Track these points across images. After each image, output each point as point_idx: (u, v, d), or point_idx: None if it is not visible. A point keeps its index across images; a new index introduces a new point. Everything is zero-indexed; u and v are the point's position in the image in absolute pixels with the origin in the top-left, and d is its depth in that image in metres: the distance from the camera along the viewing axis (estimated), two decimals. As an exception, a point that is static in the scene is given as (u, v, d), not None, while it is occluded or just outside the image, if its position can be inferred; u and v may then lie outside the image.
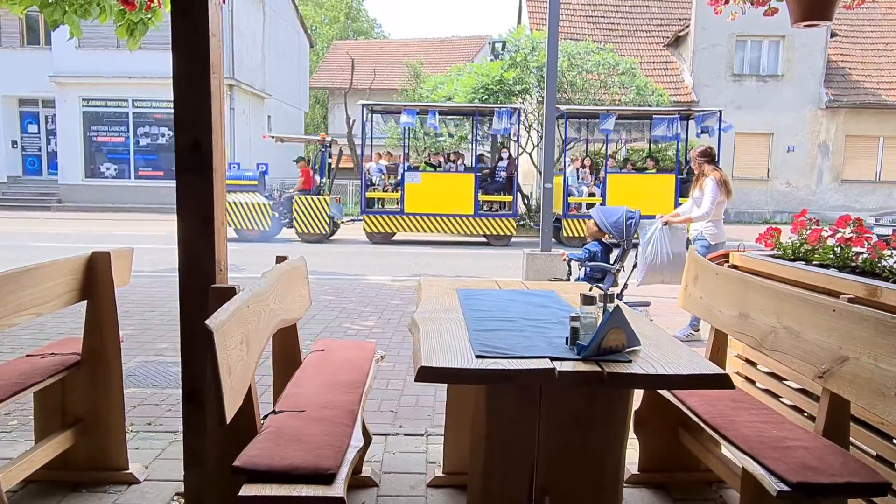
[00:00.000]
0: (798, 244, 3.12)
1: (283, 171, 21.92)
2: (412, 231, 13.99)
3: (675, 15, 23.49)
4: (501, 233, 13.85)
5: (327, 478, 1.80)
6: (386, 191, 14.46)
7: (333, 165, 14.94)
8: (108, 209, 20.08)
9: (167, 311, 6.43)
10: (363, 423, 2.57)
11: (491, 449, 1.99)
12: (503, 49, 18.54)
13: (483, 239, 14.28)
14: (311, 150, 16.08)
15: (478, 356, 1.86)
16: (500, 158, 15.07)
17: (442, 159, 15.17)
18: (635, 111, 15.57)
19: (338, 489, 1.76)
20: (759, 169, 21.53)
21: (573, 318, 1.97)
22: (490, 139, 17.67)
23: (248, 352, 2.00)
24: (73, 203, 20.51)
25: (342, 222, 14.98)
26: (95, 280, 2.77)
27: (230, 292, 2.11)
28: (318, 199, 13.81)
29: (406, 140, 15.18)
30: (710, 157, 5.61)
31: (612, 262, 5.77)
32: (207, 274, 2.48)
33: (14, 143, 21.96)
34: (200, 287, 2.48)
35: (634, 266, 5.80)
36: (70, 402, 2.80)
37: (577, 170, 14.82)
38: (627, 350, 1.93)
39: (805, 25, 3.04)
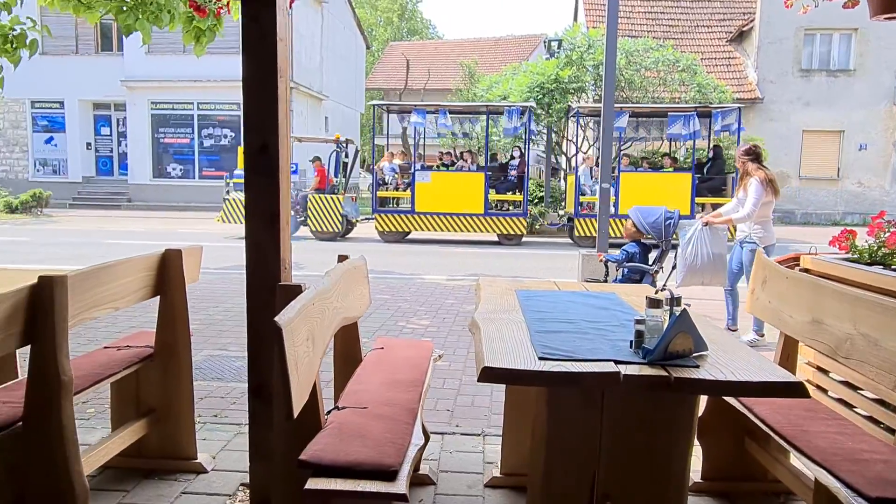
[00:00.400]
0: (875, 247, 2.98)
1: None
2: (423, 230, 14.02)
3: (738, 9, 22.72)
4: (512, 232, 13.73)
5: (390, 474, 1.83)
6: (397, 190, 14.49)
7: (350, 165, 15.02)
8: (173, 208, 20.91)
9: (230, 307, 6.64)
10: (422, 421, 2.60)
11: (552, 452, 1.98)
12: (559, 47, 18.35)
13: (494, 238, 14.16)
14: (367, 150, 16.28)
15: (540, 358, 1.85)
16: (512, 157, 14.93)
17: (454, 158, 15.03)
18: (652, 108, 15.03)
19: (400, 486, 1.79)
20: (828, 168, 20.59)
21: (638, 321, 1.94)
22: (545, 137, 17.55)
23: (314, 348, 2.05)
24: (142, 202, 21.42)
25: (357, 221, 15.07)
26: (168, 277, 2.89)
27: (297, 290, 2.16)
28: (332, 197, 13.93)
29: (416, 140, 15.20)
30: (754, 155, 5.44)
31: (650, 263, 5.66)
32: (273, 271, 2.56)
33: (88, 144, 23.09)
34: (266, 284, 2.55)
35: (673, 267, 5.68)
36: (144, 392, 2.93)
37: (591, 168, 14.47)
38: (695, 355, 1.89)
39: (885, 18, 2.90)
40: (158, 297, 2.91)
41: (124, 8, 6.15)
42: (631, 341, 1.97)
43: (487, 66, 30.28)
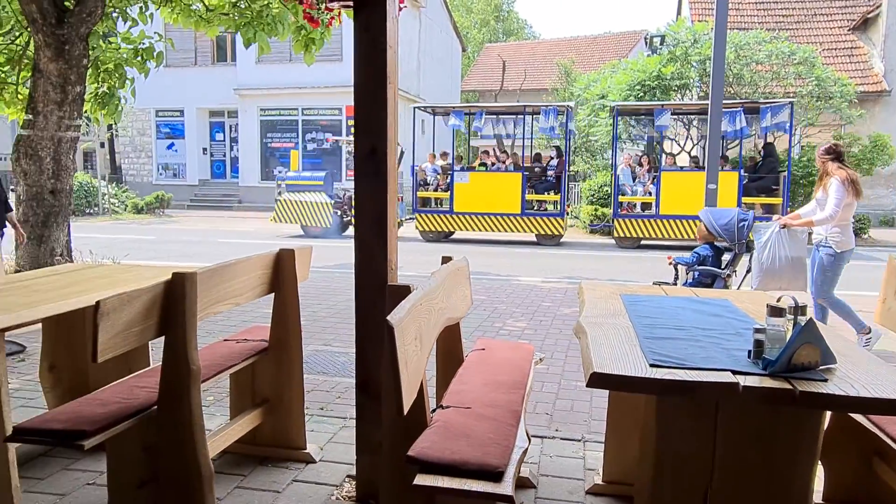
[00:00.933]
0: None
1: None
2: (461, 230, 14.21)
3: (862, -6, 21.00)
4: (550, 232, 13.61)
5: (496, 475, 1.84)
6: (437, 190, 14.70)
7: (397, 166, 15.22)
8: (279, 209, 22.00)
9: (332, 304, 6.90)
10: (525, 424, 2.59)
11: (661, 463, 1.91)
12: (661, 43, 17.70)
13: (532, 238, 14.06)
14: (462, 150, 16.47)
15: (651, 365, 1.80)
16: (551, 157, 14.78)
17: (495, 158, 15.04)
18: (698, 106, 14.27)
19: (507, 487, 1.79)
20: (967, 167, 18.59)
21: (758, 330, 1.84)
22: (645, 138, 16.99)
23: (422, 347, 2.10)
24: (251, 203, 22.70)
25: (403, 221, 15.34)
26: (282, 275, 3.05)
27: (406, 290, 2.22)
28: None
29: (454, 141, 15.37)
30: (835, 154, 5.16)
31: (722, 266, 5.44)
32: (380, 271, 2.64)
33: (204, 149, 24.77)
34: (374, 284, 2.64)
35: (748, 271, 5.38)
36: (259, 384, 3.11)
37: (633, 168, 14.14)
38: (821, 368, 1.77)
39: None
40: (273, 294, 3.08)
41: (244, 23, 6.56)
42: (749, 351, 1.87)
43: (585, 64, 29.71)
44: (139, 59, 7.51)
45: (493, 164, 14.87)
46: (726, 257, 5.51)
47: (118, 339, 2.09)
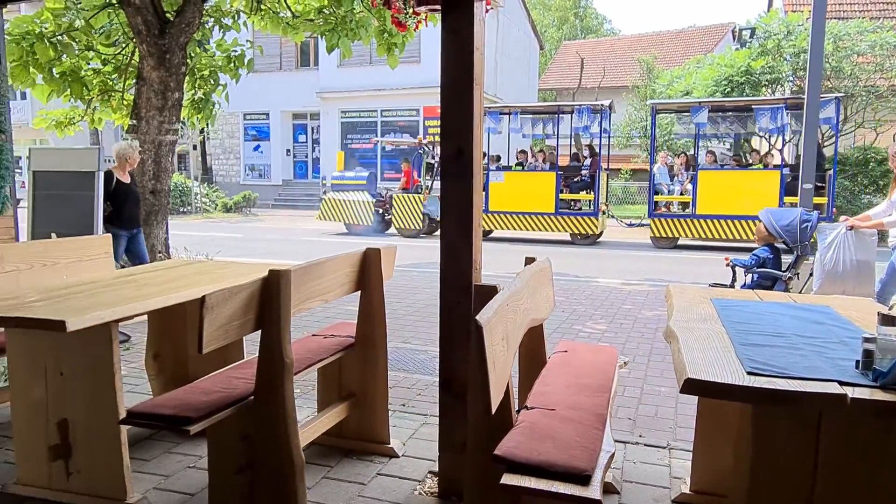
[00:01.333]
0: None
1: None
2: (497, 228, 14.32)
3: (981, -24, 19.25)
4: (583, 231, 13.54)
5: (583, 478, 1.82)
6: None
7: (435, 166, 15.24)
8: (358, 208, 22.58)
9: (411, 302, 7.01)
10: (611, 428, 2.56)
11: (757, 477, 1.84)
12: (751, 36, 16.92)
13: (566, 237, 14.04)
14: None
15: (749, 373, 1.74)
16: (585, 157, 14.70)
17: (529, 157, 14.96)
18: (735, 102, 13.76)
19: (594, 491, 1.78)
20: None
21: (867, 340, 1.74)
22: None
23: (508, 348, 2.11)
24: (331, 203, 23.37)
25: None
26: (368, 273, 3.13)
27: (492, 291, 2.24)
28: (415, 197, 14.57)
29: (488, 140, 15.23)
30: None
31: (784, 268, 5.24)
32: (465, 271, 2.67)
33: (288, 151, 25.73)
34: (459, 283, 2.68)
35: (811, 275, 5.13)
36: (345, 378, 3.21)
37: (670, 167, 13.94)
38: (940, 381, 1.65)
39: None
40: (358, 292, 3.17)
41: (328, 29, 6.77)
42: (857, 361, 1.77)
43: (668, 60, 28.76)
44: (232, 65, 7.89)
45: (527, 161, 14.93)
46: (787, 259, 5.30)
47: (220, 331, 2.22)
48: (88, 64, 7.70)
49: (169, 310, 3.28)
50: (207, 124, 8.39)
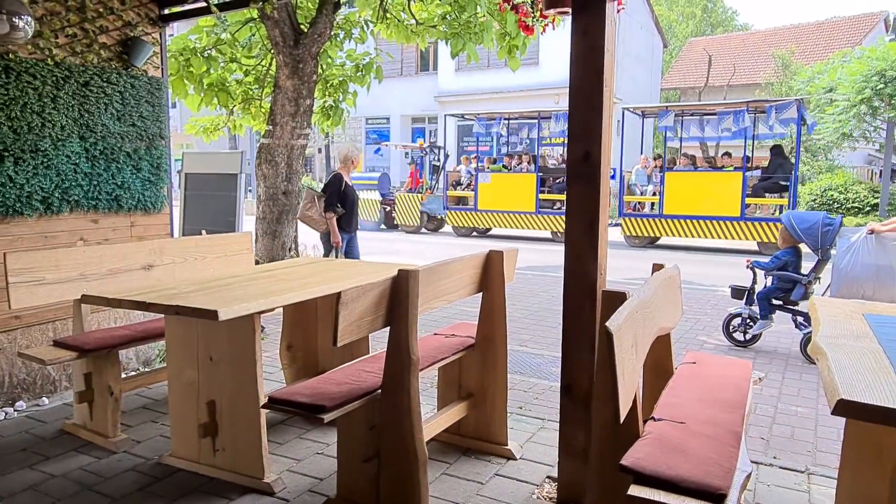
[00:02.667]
0: None
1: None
2: (484, 226, 15.41)
3: None
4: (563, 230, 12.68)
5: (717, 497, 1.74)
6: (466, 190, 15.82)
7: (441, 168, 16.79)
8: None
9: (527, 305, 6.98)
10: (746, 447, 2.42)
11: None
12: (908, 25, 15.28)
13: (547, 235, 14.79)
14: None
15: (914, 397, 1.58)
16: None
17: (515, 161, 15.82)
18: (699, 106, 13.98)
19: (730, 511, 1.69)
20: None
21: None
22: (883, 134, 14.83)
23: (637, 356, 2.06)
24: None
25: (442, 217, 16.08)
26: (490, 275, 3.16)
27: (622, 297, 2.19)
28: (413, 196, 16.15)
29: (477, 143, 17.23)
30: None
31: (805, 272, 5.28)
32: (590, 276, 2.63)
33: (406, 154, 26.45)
34: (583, 288, 2.64)
35: None
36: (465, 378, 3.26)
37: (646, 169, 14.33)
38: None
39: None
40: (480, 293, 3.21)
41: (452, 34, 6.91)
42: None
43: (807, 55, 26.63)
44: (360, 74, 8.26)
45: (516, 164, 15.89)
46: (809, 263, 5.32)
47: (353, 326, 2.33)
48: (232, 75, 8.36)
49: (302, 304, 3.51)
50: (340, 129, 8.84)
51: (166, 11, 4.62)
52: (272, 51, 7.59)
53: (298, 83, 7.24)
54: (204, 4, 4.33)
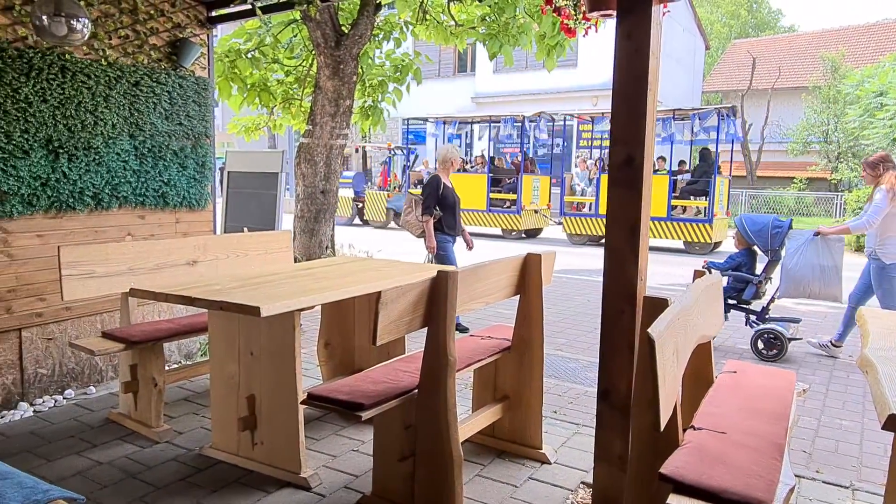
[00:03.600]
0: None
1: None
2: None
3: None
4: (509, 227, 15.46)
5: (759, 509, 1.71)
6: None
7: (410, 167, 17.98)
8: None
9: (562, 309, 6.94)
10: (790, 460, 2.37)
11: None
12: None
13: (497, 231, 16.08)
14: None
15: (971, 414, 1.53)
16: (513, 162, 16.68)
17: (472, 163, 17.31)
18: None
19: (773, 525, 1.66)
20: None
21: None
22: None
23: (678, 364, 2.03)
24: (481, 206, 23.79)
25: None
26: (528, 278, 3.16)
27: (663, 304, 2.17)
28: (381, 194, 17.78)
29: (436, 146, 17.46)
30: (885, 164, 5.08)
31: (758, 272, 5.61)
32: (630, 281, 2.60)
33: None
34: (623, 293, 2.61)
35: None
36: (500, 380, 3.26)
37: (587, 171, 15.53)
38: None
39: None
40: (517, 296, 3.21)
41: (490, 36, 6.92)
42: None
43: (855, 58, 25.84)
44: (398, 74, 8.33)
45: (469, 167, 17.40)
46: (762, 264, 5.64)
47: (392, 326, 2.36)
48: (274, 75, 8.51)
49: (340, 302, 3.55)
50: (380, 129, 8.92)
51: (214, 14, 4.73)
52: (313, 52, 7.72)
53: (339, 84, 7.33)
54: (249, 7, 4.42)
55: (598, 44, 16.34)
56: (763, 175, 25.90)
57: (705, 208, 12.92)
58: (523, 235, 15.96)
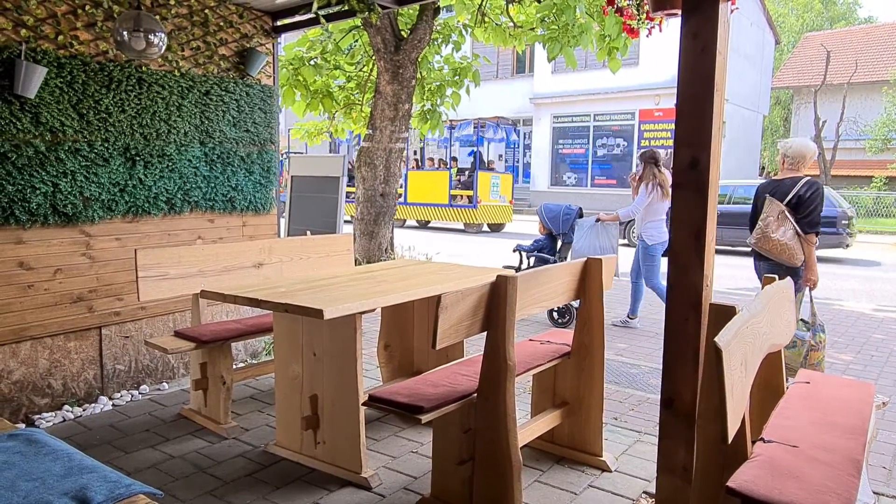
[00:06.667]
0: None
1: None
2: (410, 217, 18.04)
3: None
4: (469, 221, 16.91)
5: (835, 529, 1.64)
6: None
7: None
8: (566, 214, 22.56)
9: (620, 313, 6.80)
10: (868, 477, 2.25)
11: None
12: None
13: (459, 226, 17.63)
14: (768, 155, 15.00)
15: None
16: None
17: (435, 162, 19.00)
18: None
19: (850, 545, 1.59)
20: None
21: None
22: None
23: (746, 374, 1.97)
24: (539, 208, 23.65)
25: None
26: (588, 283, 3.12)
27: (731, 312, 2.10)
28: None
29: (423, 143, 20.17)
30: (653, 160, 6.07)
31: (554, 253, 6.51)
32: (695, 287, 2.53)
33: (500, 156, 26.44)
34: (687, 299, 2.54)
35: None
36: (560, 386, 3.23)
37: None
38: None
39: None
40: (577, 301, 3.17)
41: (550, 37, 6.86)
42: None
43: (942, 48, 24.29)
44: (457, 78, 8.36)
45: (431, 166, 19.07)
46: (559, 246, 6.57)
47: (451, 330, 2.37)
48: (336, 81, 8.69)
49: (399, 305, 3.60)
50: (438, 133, 8.98)
51: (279, 23, 4.88)
52: (373, 57, 7.85)
53: (398, 88, 7.43)
54: (313, 16, 4.53)
55: (660, 41, 15.97)
56: (838, 174, 24.67)
57: (470, 196, 16.87)
58: (486, 229, 17.50)
